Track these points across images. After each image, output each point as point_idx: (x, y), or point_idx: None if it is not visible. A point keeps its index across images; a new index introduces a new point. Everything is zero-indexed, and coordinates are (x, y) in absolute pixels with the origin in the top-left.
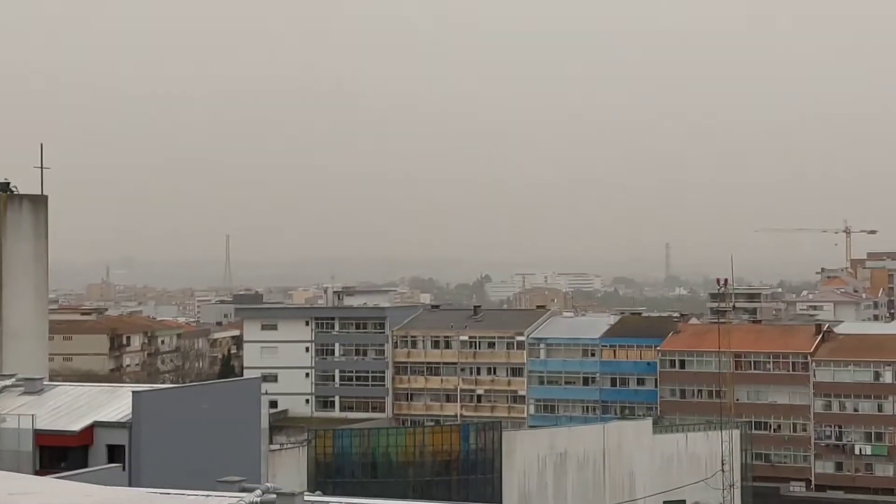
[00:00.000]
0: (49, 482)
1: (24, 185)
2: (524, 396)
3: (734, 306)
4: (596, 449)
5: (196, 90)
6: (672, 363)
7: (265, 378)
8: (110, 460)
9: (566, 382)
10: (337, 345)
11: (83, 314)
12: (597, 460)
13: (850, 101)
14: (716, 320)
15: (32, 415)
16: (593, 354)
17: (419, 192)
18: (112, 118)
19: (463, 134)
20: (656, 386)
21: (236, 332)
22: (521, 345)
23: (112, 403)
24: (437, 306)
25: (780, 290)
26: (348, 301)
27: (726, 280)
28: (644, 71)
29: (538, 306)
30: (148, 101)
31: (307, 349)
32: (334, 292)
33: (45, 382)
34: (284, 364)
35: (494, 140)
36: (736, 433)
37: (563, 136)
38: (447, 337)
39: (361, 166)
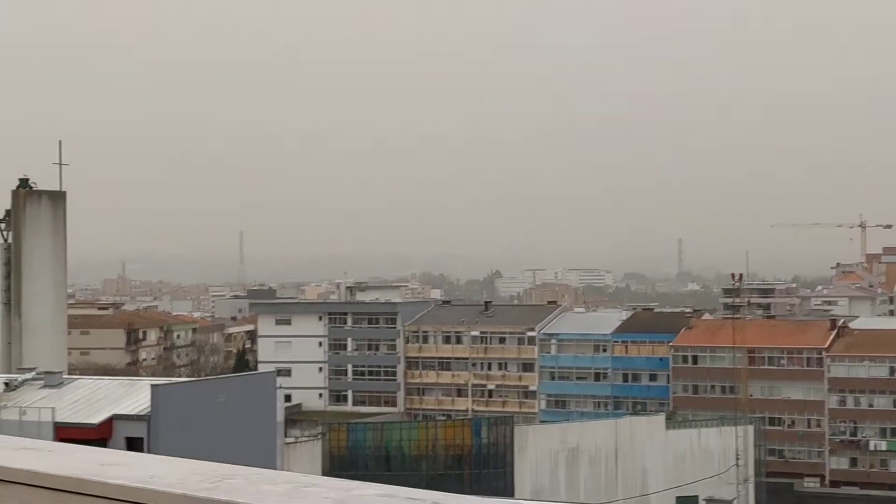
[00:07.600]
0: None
1: (43, 181)
2: (535, 392)
3: (749, 301)
4: (608, 444)
5: (209, 83)
6: (685, 359)
7: (279, 372)
8: None
9: (578, 378)
10: (350, 339)
11: (100, 309)
12: (609, 456)
13: (865, 95)
14: (729, 316)
15: (52, 408)
16: (605, 350)
17: (426, 192)
18: (127, 115)
19: (465, 133)
20: (668, 382)
21: (251, 327)
22: (532, 340)
23: (131, 396)
24: (448, 302)
25: (794, 285)
26: (360, 296)
27: (741, 275)
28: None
29: (549, 302)
30: (163, 97)
31: (320, 344)
32: (347, 288)
33: (64, 376)
34: (298, 359)
35: (499, 138)
36: (750, 429)
37: (569, 135)
38: (458, 332)
39: (369, 166)
